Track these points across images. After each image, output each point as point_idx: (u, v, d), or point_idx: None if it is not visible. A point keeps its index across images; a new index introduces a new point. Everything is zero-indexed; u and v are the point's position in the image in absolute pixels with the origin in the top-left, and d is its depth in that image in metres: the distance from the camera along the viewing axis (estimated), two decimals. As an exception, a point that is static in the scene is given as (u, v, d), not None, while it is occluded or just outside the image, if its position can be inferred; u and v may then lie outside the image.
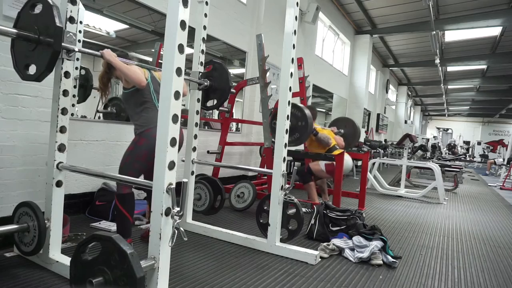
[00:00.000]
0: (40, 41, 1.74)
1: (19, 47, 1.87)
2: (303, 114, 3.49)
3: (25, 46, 1.81)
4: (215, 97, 3.04)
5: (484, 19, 8.43)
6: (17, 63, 1.88)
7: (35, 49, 1.77)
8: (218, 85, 2.98)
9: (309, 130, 3.51)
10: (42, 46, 1.75)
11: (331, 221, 3.04)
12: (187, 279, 2.04)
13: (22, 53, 1.85)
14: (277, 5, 5.78)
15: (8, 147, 2.50)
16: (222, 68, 3.01)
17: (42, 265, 2.05)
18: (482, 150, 20.00)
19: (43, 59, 1.74)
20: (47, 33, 1.73)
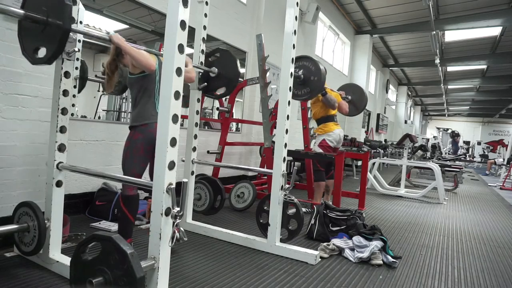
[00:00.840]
0: (48, 22, 1.68)
1: (26, 31, 1.83)
2: (317, 69, 3.40)
3: (33, 29, 1.76)
4: (224, 85, 3.02)
5: (484, 19, 8.43)
6: (26, 47, 1.83)
7: (44, 31, 1.70)
8: (226, 72, 2.96)
9: (321, 85, 3.45)
10: (51, 26, 1.68)
11: (331, 221, 3.04)
12: (187, 279, 2.04)
13: (31, 37, 1.80)
14: (277, 5, 5.78)
15: (8, 147, 2.50)
16: (230, 55, 2.99)
17: (42, 265, 2.05)
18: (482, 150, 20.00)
19: (53, 39, 1.68)
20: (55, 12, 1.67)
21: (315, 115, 4.13)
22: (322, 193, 4.03)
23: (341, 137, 4.09)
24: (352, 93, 4.60)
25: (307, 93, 3.50)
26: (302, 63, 3.45)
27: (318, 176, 3.97)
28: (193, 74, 2.52)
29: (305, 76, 3.41)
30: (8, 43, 2.42)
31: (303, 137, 4.76)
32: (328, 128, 3.99)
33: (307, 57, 3.48)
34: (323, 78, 3.43)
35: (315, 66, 3.43)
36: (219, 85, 3.05)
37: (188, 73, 2.45)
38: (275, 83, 5.40)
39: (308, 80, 3.43)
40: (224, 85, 3.03)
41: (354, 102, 4.60)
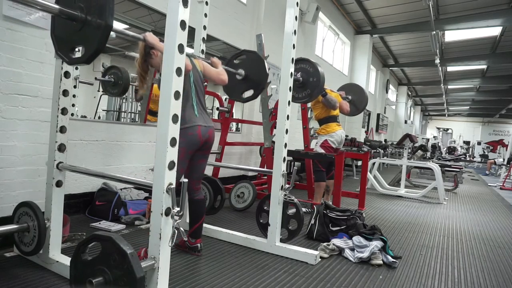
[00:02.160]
0: (87, 20, 1.53)
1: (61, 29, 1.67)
2: (315, 70, 3.39)
3: (69, 28, 1.60)
4: (252, 87, 2.97)
5: (484, 19, 8.43)
6: (60, 47, 1.68)
7: (81, 29, 1.55)
8: (254, 75, 2.90)
9: (321, 86, 3.43)
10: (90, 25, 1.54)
11: (331, 221, 3.04)
12: (187, 279, 2.04)
13: (67, 36, 1.65)
14: (277, 5, 5.78)
15: (8, 147, 2.50)
16: (257, 56, 2.94)
17: (42, 265, 2.05)
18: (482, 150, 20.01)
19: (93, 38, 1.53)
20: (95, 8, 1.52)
21: (317, 116, 4.13)
22: (323, 193, 4.03)
23: (343, 138, 4.09)
24: (353, 93, 4.60)
25: (307, 96, 3.49)
26: (300, 65, 3.45)
27: (319, 176, 3.97)
28: (226, 77, 2.45)
29: (304, 78, 3.41)
30: (8, 43, 2.42)
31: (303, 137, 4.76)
32: (330, 128, 3.98)
33: (304, 60, 3.48)
34: (322, 79, 3.43)
35: (313, 67, 3.42)
36: (246, 88, 3.00)
37: (221, 75, 2.43)
38: (275, 83, 5.40)
39: (307, 82, 3.42)
40: (251, 87, 2.97)
41: (355, 102, 4.59)
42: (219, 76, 2.41)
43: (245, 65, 2.95)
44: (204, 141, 2.27)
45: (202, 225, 2.48)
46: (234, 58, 3.05)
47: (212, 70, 2.41)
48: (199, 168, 2.40)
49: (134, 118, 4.50)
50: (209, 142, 2.33)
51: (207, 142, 2.32)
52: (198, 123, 2.20)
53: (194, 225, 2.39)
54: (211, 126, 2.32)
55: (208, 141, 2.31)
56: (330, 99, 3.89)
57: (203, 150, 2.34)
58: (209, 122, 2.31)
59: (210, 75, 2.39)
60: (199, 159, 2.36)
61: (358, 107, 4.65)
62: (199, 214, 2.40)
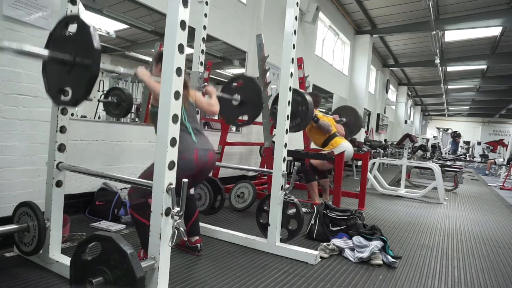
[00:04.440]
0: (76, 64, 1.57)
1: (51, 70, 1.71)
2: (304, 99, 3.37)
3: (59, 69, 1.65)
4: (247, 113, 3.00)
5: (484, 19, 8.43)
6: (50, 87, 1.72)
7: (70, 72, 1.59)
8: (250, 101, 2.93)
9: (310, 115, 3.40)
10: (79, 69, 1.57)
11: (331, 221, 3.04)
12: (187, 279, 2.04)
13: (56, 77, 1.69)
14: (277, 5, 5.78)
15: (8, 147, 2.50)
16: (254, 84, 2.95)
17: (42, 265, 2.05)
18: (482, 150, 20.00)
19: (80, 83, 1.57)
20: (83, 55, 1.56)
21: (317, 142, 4.08)
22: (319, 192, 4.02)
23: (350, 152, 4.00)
24: (346, 115, 4.60)
25: (297, 125, 3.40)
26: None
27: (308, 177, 3.97)
28: (217, 108, 2.46)
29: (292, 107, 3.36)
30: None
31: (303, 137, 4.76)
32: (336, 143, 3.90)
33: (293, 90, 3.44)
34: (311, 106, 3.36)
35: (301, 96, 3.37)
36: (241, 113, 3.02)
37: (212, 107, 2.43)
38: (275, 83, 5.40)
39: (296, 111, 3.36)
40: (247, 113, 2.99)
41: (349, 125, 4.58)
42: (210, 107, 2.43)
43: (242, 91, 2.97)
44: (202, 166, 2.18)
45: (198, 222, 2.48)
46: (232, 82, 3.07)
47: (203, 102, 2.42)
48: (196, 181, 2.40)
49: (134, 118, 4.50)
50: (207, 166, 2.25)
51: (206, 167, 2.23)
52: (196, 146, 2.13)
53: (189, 222, 2.39)
54: (211, 149, 2.25)
55: (206, 165, 2.22)
56: (323, 124, 3.87)
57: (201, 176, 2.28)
58: (208, 145, 2.25)
59: (202, 106, 2.41)
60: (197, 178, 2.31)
61: (353, 129, 4.66)
62: (191, 211, 2.40)
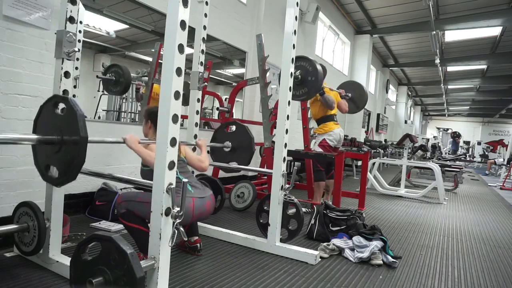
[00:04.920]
0: (64, 143, 1.63)
1: (41, 147, 1.74)
2: (314, 69, 3.37)
3: (47, 147, 1.69)
4: (236, 160, 3.06)
5: (484, 19, 8.42)
6: (39, 162, 1.75)
7: (58, 152, 1.64)
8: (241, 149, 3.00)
9: (318, 85, 3.42)
10: (66, 149, 1.63)
11: (331, 221, 3.04)
12: (187, 279, 2.03)
13: (44, 153, 1.73)
14: (277, 5, 5.77)
15: (8, 147, 2.50)
16: (246, 132, 3.01)
17: (42, 265, 2.05)
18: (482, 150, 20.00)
19: (66, 165, 1.62)
20: (71, 137, 1.62)
21: (315, 115, 4.13)
22: (322, 193, 4.03)
23: (342, 136, 4.09)
24: (353, 91, 4.59)
25: (305, 93, 3.49)
26: (300, 63, 3.45)
27: (318, 176, 3.97)
28: (207, 164, 2.48)
29: (302, 76, 3.41)
30: (8, 43, 2.42)
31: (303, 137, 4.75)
32: (328, 127, 3.99)
33: (304, 58, 3.48)
34: (321, 77, 3.42)
35: (312, 66, 3.42)
36: (232, 159, 3.08)
37: (202, 163, 2.44)
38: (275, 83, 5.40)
39: (305, 80, 3.42)
40: (236, 160, 3.05)
41: (354, 100, 4.59)
42: (200, 164, 2.45)
43: (234, 138, 3.02)
44: (198, 215, 2.16)
45: (196, 222, 2.48)
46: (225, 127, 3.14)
47: (193, 158, 2.43)
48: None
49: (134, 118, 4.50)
50: (204, 215, 2.23)
51: (202, 216, 2.22)
52: (192, 195, 2.11)
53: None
54: (208, 197, 2.22)
55: (203, 214, 2.20)
56: (327, 99, 3.89)
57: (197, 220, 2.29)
58: (205, 192, 2.22)
59: (192, 162, 2.42)
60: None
61: (358, 104, 4.64)
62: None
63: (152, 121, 2.27)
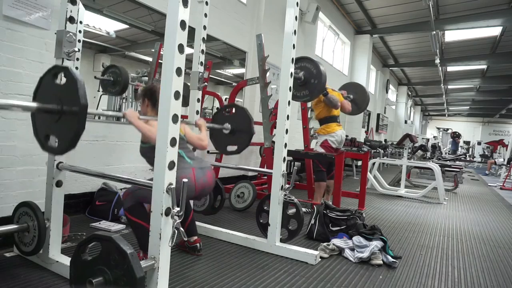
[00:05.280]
0: (64, 112, 1.59)
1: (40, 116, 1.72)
2: (319, 72, 3.32)
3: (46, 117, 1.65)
4: (236, 143, 3.00)
5: (484, 19, 8.42)
6: (38, 132, 1.74)
7: (58, 121, 1.61)
8: (240, 131, 2.94)
9: (322, 87, 3.39)
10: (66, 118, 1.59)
11: (331, 221, 3.04)
12: (187, 279, 2.04)
13: (44, 123, 1.70)
14: (277, 5, 5.78)
15: (8, 147, 2.50)
16: (245, 113, 2.96)
17: (42, 265, 2.05)
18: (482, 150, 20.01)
19: (66, 133, 1.59)
20: (71, 106, 1.57)
21: (318, 116, 4.12)
22: (323, 193, 4.03)
23: (343, 138, 4.09)
24: (354, 92, 4.59)
25: (307, 95, 3.48)
26: (303, 64, 3.44)
27: (319, 176, 3.97)
28: (206, 142, 2.47)
29: (305, 77, 3.39)
30: (8, 43, 2.42)
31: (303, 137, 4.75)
32: (330, 128, 3.98)
33: (308, 59, 3.47)
34: (324, 80, 3.41)
35: (316, 68, 3.40)
36: (231, 142, 3.02)
37: (201, 141, 2.43)
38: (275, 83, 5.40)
39: (308, 81, 3.41)
40: (236, 143, 2.99)
41: (356, 101, 4.58)
42: (199, 142, 2.43)
43: (233, 120, 2.97)
44: (201, 187, 2.13)
45: (194, 222, 2.48)
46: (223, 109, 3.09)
47: (193, 136, 2.42)
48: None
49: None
50: (207, 187, 2.21)
51: (205, 188, 2.19)
52: (192, 166, 2.11)
53: (185, 222, 2.38)
54: (208, 168, 2.21)
55: (206, 186, 2.18)
56: (331, 99, 3.88)
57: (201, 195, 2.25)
58: (205, 163, 2.22)
59: (191, 140, 2.41)
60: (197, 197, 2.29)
61: (360, 106, 4.64)
62: (187, 211, 2.40)
63: (149, 98, 2.25)
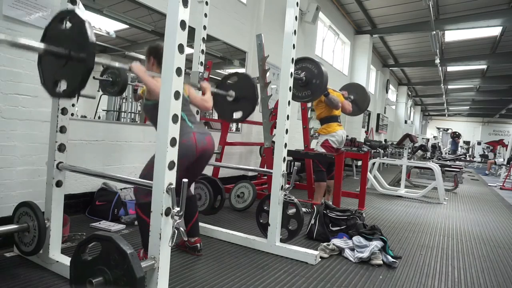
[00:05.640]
0: (71, 57, 1.59)
1: (47, 64, 1.75)
2: (320, 72, 3.34)
3: (54, 62, 1.67)
4: (241, 109, 3.00)
5: (484, 19, 8.42)
6: (45, 80, 1.76)
7: (65, 65, 1.62)
8: (244, 97, 2.94)
9: (322, 90, 3.41)
10: (74, 62, 1.59)
11: (331, 221, 3.04)
12: (187, 279, 2.04)
13: (51, 70, 1.72)
14: (277, 5, 5.78)
15: (8, 147, 2.50)
16: (249, 80, 2.97)
17: (42, 265, 2.05)
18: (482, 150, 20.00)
19: (75, 76, 1.59)
20: (78, 48, 1.57)
21: (319, 116, 4.12)
22: (323, 193, 4.03)
23: (344, 138, 4.10)
24: (355, 93, 4.59)
25: (310, 95, 3.48)
26: (305, 65, 3.44)
27: (319, 176, 3.97)
28: (211, 104, 2.47)
29: (307, 78, 3.39)
30: (8, 43, 2.42)
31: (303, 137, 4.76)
32: (331, 128, 3.98)
33: (309, 59, 3.47)
34: (325, 81, 3.41)
35: (317, 68, 3.39)
36: (236, 109, 3.02)
37: (205, 102, 2.44)
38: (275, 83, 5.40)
39: (310, 82, 3.41)
40: (241, 109, 3.00)
41: (357, 102, 4.58)
42: (203, 103, 2.44)
43: (237, 87, 2.97)
44: (201, 150, 2.19)
45: (198, 222, 2.48)
46: (226, 78, 3.08)
47: (197, 97, 2.43)
48: (197, 172, 2.40)
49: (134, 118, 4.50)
50: (207, 151, 2.25)
51: (206, 151, 2.24)
52: (193, 130, 2.16)
53: (189, 223, 2.39)
54: (208, 133, 2.27)
55: (206, 149, 2.23)
56: (332, 99, 3.89)
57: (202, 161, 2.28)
58: (205, 130, 2.27)
59: (195, 101, 2.41)
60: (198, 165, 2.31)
61: (360, 107, 4.64)
62: (192, 211, 2.40)
63: (154, 56, 2.25)
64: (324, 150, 3.93)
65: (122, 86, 3.22)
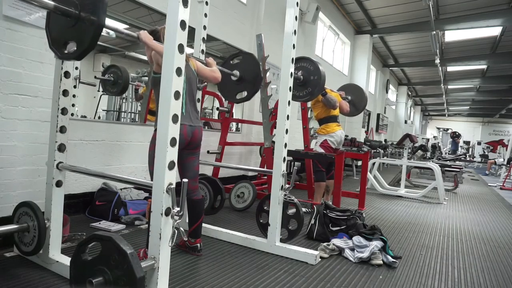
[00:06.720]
0: (80, 17, 1.56)
1: (56, 24, 1.72)
2: (316, 69, 3.40)
3: (63, 23, 1.64)
4: (246, 89, 3.01)
5: (484, 19, 8.43)
6: (53, 41, 1.73)
7: (75, 26, 1.59)
8: (249, 76, 2.94)
9: (321, 85, 3.43)
10: (83, 21, 1.56)
11: (331, 221, 3.04)
12: (187, 279, 2.04)
13: (60, 31, 1.70)
14: (277, 5, 5.78)
15: (8, 147, 2.50)
16: (253, 58, 2.98)
17: (42, 265, 2.05)
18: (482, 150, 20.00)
19: (85, 35, 1.56)
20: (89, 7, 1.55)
21: (317, 116, 4.13)
22: (323, 193, 4.03)
23: (342, 138, 4.10)
24: (352, 93, 4.60)
25: (307, 94, 3.50)
26: (301, 64, 3.45)
27: (319, 176, 3.97)
28: (219, 74, 2.48)
29: (304, 77, 3.41)
30: (8, 43, 2.43)
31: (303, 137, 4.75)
32: (330, 128, 3.99)
33: (305, 58, 3.48)
34: (323, 78, 3.43)
35: (313, 66, 3.43)
36: (241, 89, 3.04)
37: (214, 73, 2.45)
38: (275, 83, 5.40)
39: (307, 81, 3.43)
40: (245, 89, 3.01)
41: (354, 102, 4.59)
42: (212, 73, 2.43)
43: (241, 67, 2.98)
44: (190, 141, 2.26)
45: (201, 225, 2.48)
46: (231, 58, 3.07)
47: (205, 69, 2.43)
48: (191, 166, 2.41)
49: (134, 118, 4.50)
50: (194, 141, 2.32)
51: (193, 142, 2.31)
52: (184, 122, 2.17)
53: (193, 225, 2.39)
54: (198, 126, 2.32)
55: (193, 140, 2.30)
56: (330, 99, 3.89)
57: (190, 149, 2.33)
58: (195, 121, 2.30)
59: (204, 73, 2.40)
60: (188, 156, 2.36)
61: (358, 107, 4.65)
62: (198, 214, 2.41)
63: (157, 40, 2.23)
64: (323, 150, 3.93)
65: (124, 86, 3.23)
